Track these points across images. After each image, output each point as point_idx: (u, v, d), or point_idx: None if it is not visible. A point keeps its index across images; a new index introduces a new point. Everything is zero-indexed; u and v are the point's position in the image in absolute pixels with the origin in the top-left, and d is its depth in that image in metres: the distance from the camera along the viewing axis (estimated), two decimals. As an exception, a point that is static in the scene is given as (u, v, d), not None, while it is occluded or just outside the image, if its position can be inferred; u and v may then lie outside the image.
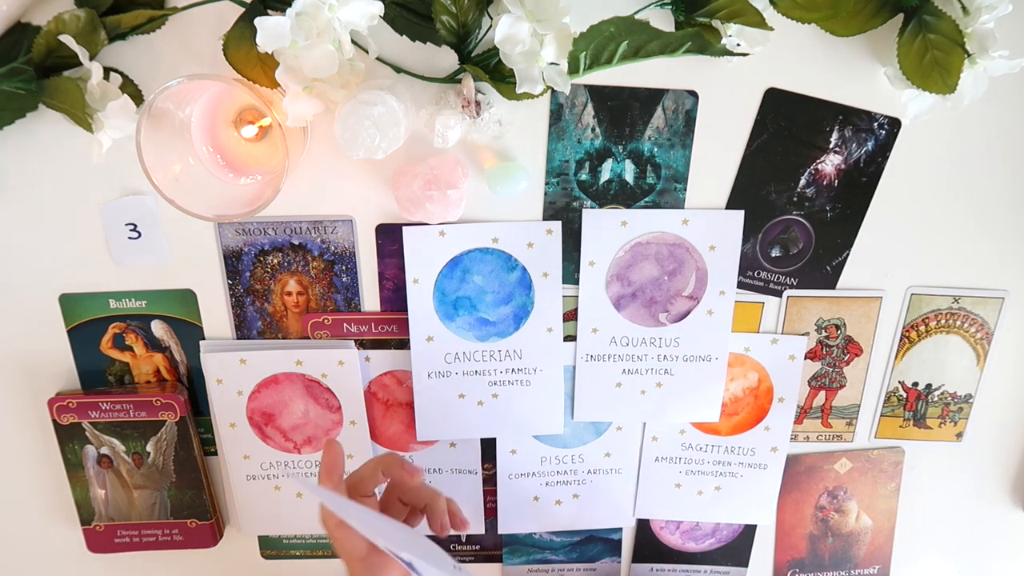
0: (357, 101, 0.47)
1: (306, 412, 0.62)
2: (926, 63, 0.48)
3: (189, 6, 0.49)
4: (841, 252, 0.59)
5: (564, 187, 0.56)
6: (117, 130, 0.48)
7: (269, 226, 0.56)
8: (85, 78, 0.47)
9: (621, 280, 0.59)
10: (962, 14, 0.48)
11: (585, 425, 0.65)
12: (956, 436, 0.67)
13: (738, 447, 0.65)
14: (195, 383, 0.62)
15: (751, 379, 0.63)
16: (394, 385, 0.62)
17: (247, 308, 0.59)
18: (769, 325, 0.62)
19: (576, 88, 0.53)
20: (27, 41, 0.47)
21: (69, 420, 0.60)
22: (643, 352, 0.61)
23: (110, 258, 0.57)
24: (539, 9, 0.43)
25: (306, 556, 0.69)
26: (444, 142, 0.50)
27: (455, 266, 0.58)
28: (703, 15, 0.48)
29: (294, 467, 0.64)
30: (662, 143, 0.55)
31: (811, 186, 0.57)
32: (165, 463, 0.63)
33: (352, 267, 0.58)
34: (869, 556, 0.71)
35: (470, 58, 0.50)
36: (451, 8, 0.46)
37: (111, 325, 0.59)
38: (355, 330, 0.60)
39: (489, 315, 0.60)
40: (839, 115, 0.54)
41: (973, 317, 0.62)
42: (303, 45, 0.43)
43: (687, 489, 0.67)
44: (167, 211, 0.52)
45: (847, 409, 0.65)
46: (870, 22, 0.49)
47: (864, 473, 0.68)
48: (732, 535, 0.70)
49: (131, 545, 0.65)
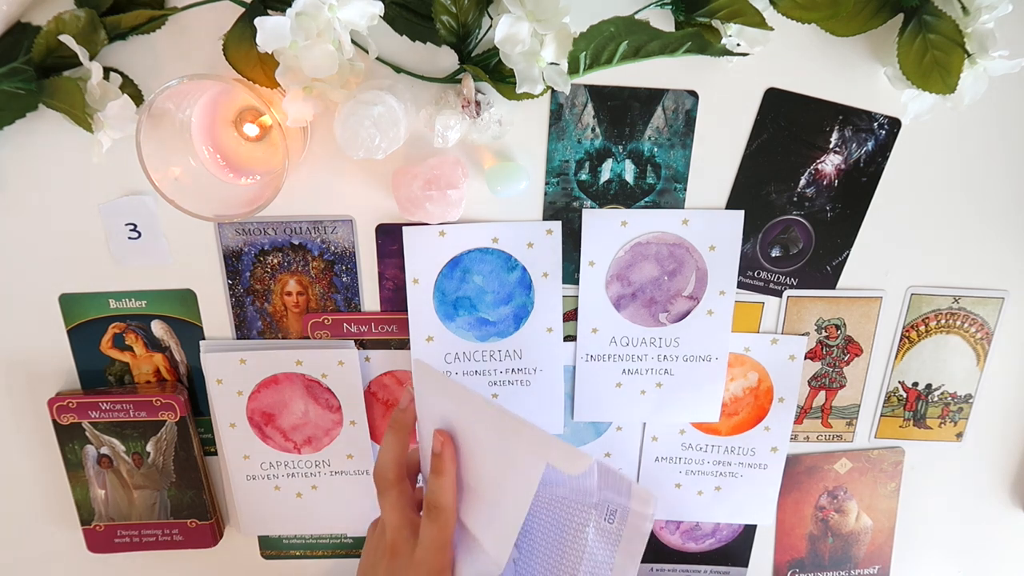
0: (357, 101, 0.47)
1: (306, 412, 0.62)
2: (926, 63, 0.48)
3: (189, 6, 0.49)
4: (841, 252, 0.59)
5: (564, 187, 0.56)
6: (117, 130, 0.48)
7: (269, 226, 0.56)
8: (85, 78, 0.47)
9: (621, 280, 0.59)
10: (962, 14, 0.48)
11: (585, 425, 0.65)
12: (956, 436, 0.67)
13: (738, 447, 0.65)
14: (195, 383, 0.62)
15: (751, 379, 0.63)
16: (394, 385, 0.62)
17: (247, 308, 0.59)
18: (769, 325, 0.62)
19: (576, 88, 0.53)
20: (27, 41, 0.47)
21: (69, 420, 0.60)
22: (643, 352, 0.61)
23: (110, 258, 0.57)
24: (539, 9, 0.43)
25: (306, 556, 0.69)
26: (444, 142, 0.50)
27: (455, 266, 0.58)
28: (703, 15, 0.48)
29: (294, 467, 0.64)
30: (662, 143, 0.55)
31: (811, 186, 0.57)
32: (165, 463, 0.63)
33: (352, 267, 0.58)
34: (869, 556, 0.71)
35: (470, 58, 0.50)
36: (451, 8, 0.46)
37: (111, 325, 0.59)
38: (355, 330, 0.60)
39: (489, 315, 0.60)
40: (839, 115, 0.54)
41: (973, 317, 0.62)
42: (303, 45, 0.43)
43: (687, 489, 0.67)
44: (167, 211, 0.52)
45: (847, 409, 0.65)
46: (870, 22, 0.49)
47: (864, 473, 0.68)
48: (732, 535, 0.70)
49: (131, 545, 0.65)
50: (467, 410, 0.47)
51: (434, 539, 0.47)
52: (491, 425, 0.46)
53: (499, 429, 0.45)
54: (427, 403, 0.51)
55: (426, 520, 0.48)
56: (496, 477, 0.46)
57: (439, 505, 0.48)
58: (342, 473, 0.64)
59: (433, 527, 0.47)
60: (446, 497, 0.48)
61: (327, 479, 0.65)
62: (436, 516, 0.48)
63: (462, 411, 0.48)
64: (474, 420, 0.47)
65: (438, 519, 0.47)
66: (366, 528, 0.67)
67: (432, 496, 0.48)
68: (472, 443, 0.47)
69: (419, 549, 0.47)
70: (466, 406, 0.47)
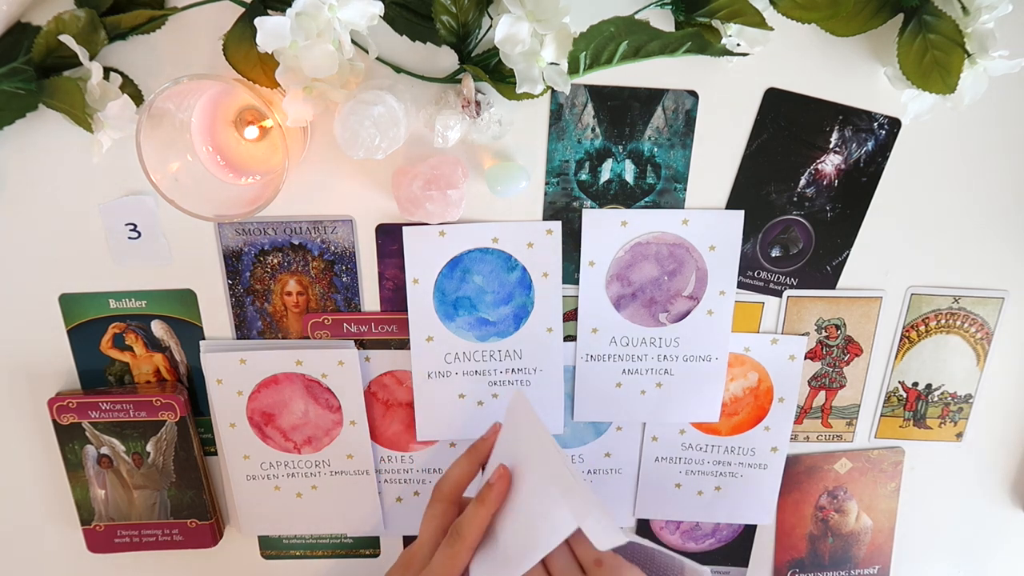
0: (357, 101, 0.47)
1: (306, 412, 0.62)
2: (926, 63, 0.48)
3: (189, 6, 0.49)
4: (841, 252, 0.59)
5: (564, 187, 0.56)
6: (117, 130, 0.48)
7: (269, 226, 0.56)
8: (85, 78, 0.47)
9: (621, 280, 0.59)
10: (962, 14, 0.48)
11: (585, 425, 0.65)
12: (956, 436, 0.67)
13: (738, 447, 0.65)
14: (195, 383, 0.62)
15: (751, 379, 0.63)
16: (394, 385, 0.62)
17: (247, 308, 0.59)
18: (769, 325, 0.62)
19: (576, 88, 0.53)
20: (27, 41, 0.47)
21: (69, 420, 0.60)
22: (643, 352, 0.61)
23: (110, 258, 0.57)
24: (539, 9, 0.43)
25: (306, 556, 0.69)
26: (444, 142, 0.50)
27: (455, 266, 0.58)
28: (703, 15, 0.48)
29: (294, 467, 0.64)
30: (662, 143, 0.55)
31: (811, 186, 0.57)
32: (165, 463, 0.63)
33: (352, 267, 0.58)
34: (869, 556, 0.71)
35: (470, 58, 0.50)
36: (451, 8, 0.46)
37: (111, 325, 0.59)
38: (355, 330, 0.60)
39: (489, 315, 0.60)
40: (839, 115, 0.54)
41: (973, 317, 0.62)
42: (303, 45, 0.43)
43: (687, 489, 0.67)
44: (167, 211, 0.52)
45: (847, 409, 0.65)
46: (870, 22, 0.49)
47: (864, 473, 0.68)
48: (732, 535, 0.70)
49: (131, 545, 0.65)
50: (537, 455, 0.45)
51: (443, 565, 0.45)
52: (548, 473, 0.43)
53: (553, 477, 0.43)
54: (508, 437, 0.49)
55: (444, 543, 0.46)
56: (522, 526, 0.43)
57: (462, 534, 0.46)
58: (342, 473, 0.64)
59: (447, 552, 0.46)
60: (472, 528, 0.45)
61: (327, 479, 0.65)
62: (454, 543, 0.46)
63: (532, 455, 0.45)
64: (537, 465, 0.45)
65: (454, 546, 0.45)
66: (366, 528, 0.68)
67: (460, 522, 0.46)
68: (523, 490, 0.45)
69: (426, 570, 0.46)
70: (537, 451, 0.45)
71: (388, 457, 0.65)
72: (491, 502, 0.46)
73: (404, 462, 0.65)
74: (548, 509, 0.41)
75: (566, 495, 0.41)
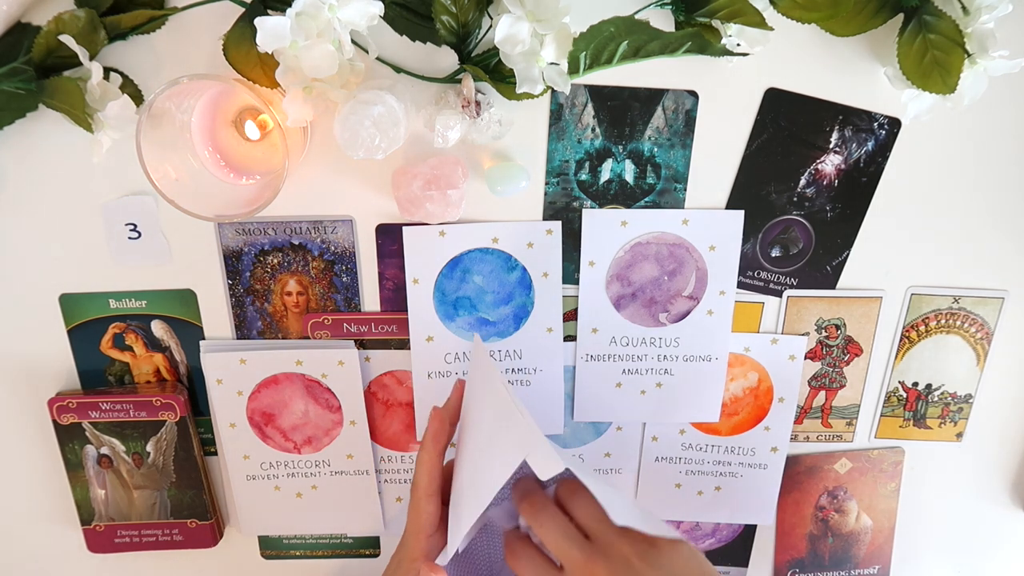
0: (357, 101, 0.47)
1: (306, 412, 0.62)
2: (926, 63, 0.48)
3: (189, 6, 0.49)
4: (841, 252, 0.59)
5: (564, 187, 0.56)
6: (117, 130, 0.48)
7: (269, 226, 0.56)
8: (85, 78, 0.47)
9: (621, 280, 0.59)
10: (962, 14, 0.48)
11: (585, 425, 0.65)
12: (956, 436, 0.67)
13: (738, 447, 0.65)
14: (195, 383, 0.62)
15: (751, 379, 0.63)
16: (394, 385, 0.62)
17: (247, 308, 0.59)
18: (769, 325, 0.62)
19: (576, 88, 0.53)
20: (27, 41, 0.47)
21: (69, 420, 0.60)
22: (643, 352, 0.61)
23: (110, 258, 0.57)
24: (539, 9, 0.43)
25: (306, 556, 0.69)
26: (444, 142, 0.50)
27: (455, 266, 0.58)
28: (703, 15, 0.48)
29: (294, 467, 0.64)
30: (662, 143, 0.55)
31: (811, 186, 0.57)
32: (165, 463, 0.63)
33: (352, 267, 0.58)
34: (869, 556, 0.71)
35: (470, 58, 0.50)
36: (451, 8, 0.46)
37: (111, 325, 0.59)
38: (355, 330, 0.60)
39: (489, 315, 0.60)
40: (839, 115, 0.54)
41: (973, 317, 0.62)
42: (303, 45, 0.43)
43: (687, 489, 0.67)
44: (167, 211, 0.52)
45: (847, 409, 0.65)
46: (870, 22, 0.49)
47: (864, 473, 0.68)
48: (732, 535, 0.70)
49: (131, 545, 0.65)
50: (488, 397, 0.46)
51: (411, 523, 0.46)
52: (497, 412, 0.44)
53: (501, 415, 0.44)
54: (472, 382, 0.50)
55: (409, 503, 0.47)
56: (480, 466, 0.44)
57: (413, 483, 0.46)
58: (342, 473, 0.64)
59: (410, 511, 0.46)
60: (420, 474, 0.46)
61: (327, 479, 0.65)
62: (411, 495, 0.46)
63: (485, 397, 0.46)
64: (485, 405, 0.46)
65: (411, 497, 0.46)
66: (366, 528, 0.68)
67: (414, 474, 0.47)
68: (476, 430, 0.46)
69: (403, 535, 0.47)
70: (488, 393, 0.46)
71: (388, 457, 0.65)
72: (427, 443, 0.47)
73: (404, 462, 0.65)
74: (498, 445, 0.43)
75: (513, 430, 0.42)
